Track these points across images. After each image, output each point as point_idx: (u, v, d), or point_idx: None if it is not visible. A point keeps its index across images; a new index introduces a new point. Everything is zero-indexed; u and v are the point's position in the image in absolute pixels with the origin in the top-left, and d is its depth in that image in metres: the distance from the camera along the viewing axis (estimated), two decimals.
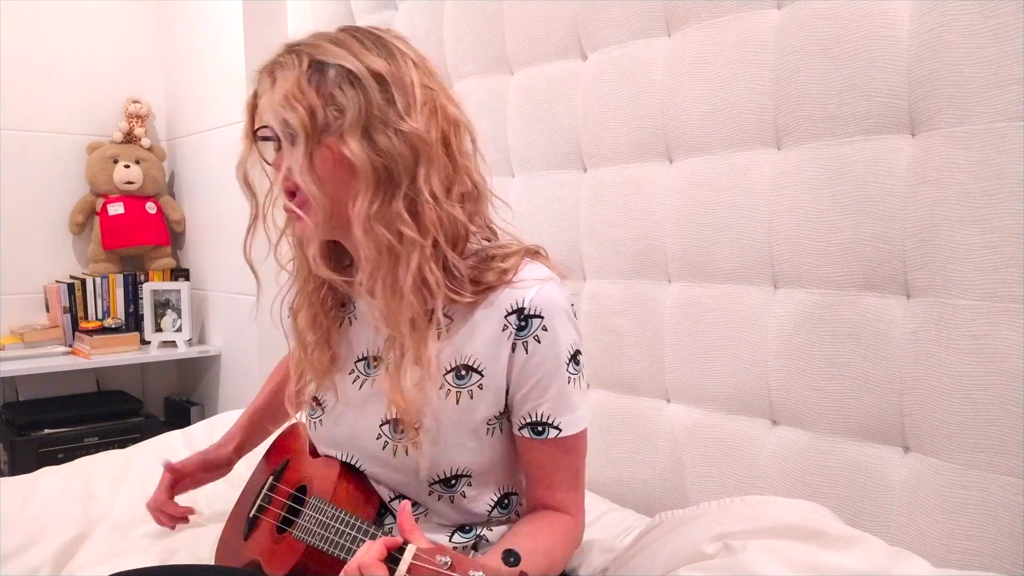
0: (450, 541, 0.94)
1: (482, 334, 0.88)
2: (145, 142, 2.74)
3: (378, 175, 0.83)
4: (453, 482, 0.91)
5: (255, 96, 0.88)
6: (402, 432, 0.89)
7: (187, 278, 2.74)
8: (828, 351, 1.11)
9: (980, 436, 0.95)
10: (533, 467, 0.92)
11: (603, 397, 1.44)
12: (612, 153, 1.42)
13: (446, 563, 0.67)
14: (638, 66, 1.36)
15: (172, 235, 2.80)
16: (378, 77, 0.83)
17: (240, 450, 1.18)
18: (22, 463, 2.24)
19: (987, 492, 0.95)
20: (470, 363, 0.88)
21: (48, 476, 1.53)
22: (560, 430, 0.89)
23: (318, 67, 0.83)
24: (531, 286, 0.87)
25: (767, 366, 1.19)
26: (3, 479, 1.50)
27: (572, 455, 0.92)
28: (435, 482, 0.91)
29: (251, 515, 1.06)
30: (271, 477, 1.08)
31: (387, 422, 0.90)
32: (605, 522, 1.27)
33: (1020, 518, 0.91)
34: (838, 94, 1.09)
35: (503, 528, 0.96)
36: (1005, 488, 0.93)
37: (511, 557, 0.70)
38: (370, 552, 0.72)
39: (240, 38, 2.34)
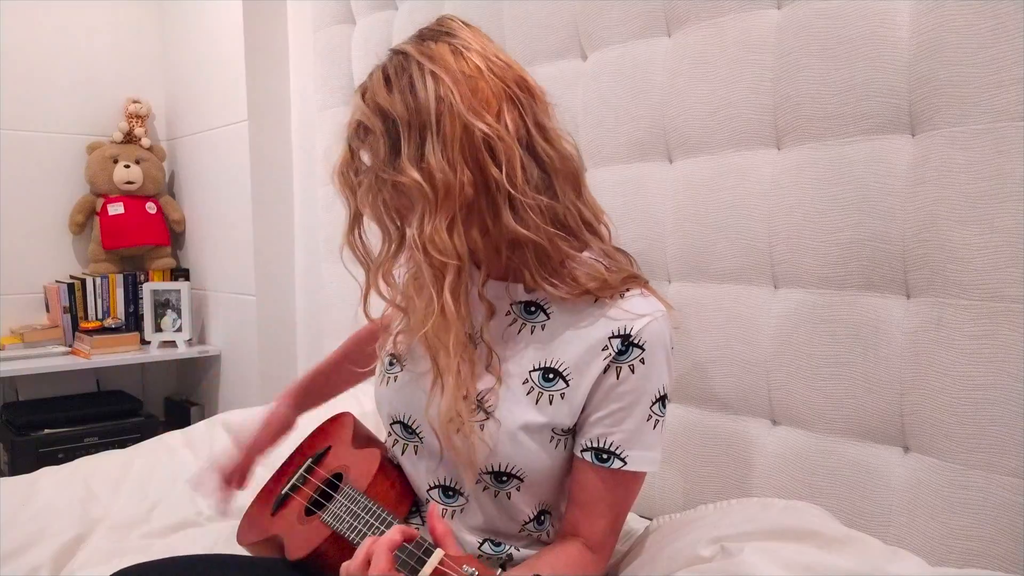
0: (479, 550, 0.92)
1: (578, 345, 0.86)
2: (145, 142, 2.74)
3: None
4: (504, 478, 0.89)
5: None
6: (475, 411, 0.87)
7: (187, 278, 2.75)
8: (828, 351, 1.11)
9: (980, 436, 0.95)
10: (579, 490, 0.89)
11: None
12: (612, 153, 1.41)
13: (472, 574, 0.66)
14: (638, 66, 1.36)
15: (172, 235, 2.80)
16: (389, 120, 0.87)
17: (300, 407, 1.17)
18: (22, 463, 2.25)
19: (987, 492, 0.94)
20: (559, 368, 0.87)
21: (48, 476, 1.53)
22: (625, 463, 0.86)
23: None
24: (645, 316, 0.85)
25: (767, 366, 1.19)
26: (3, 479, 1.50)
27: (622, 491, 0.89)
28: (487, 472, 0.89)
29: (283, 492, 1.08)
30: (310, 460, 1.10)
31: (466, 396, 0.87)
32: None
33: (1020, 518, 0.91)
34: (838, 94, 1.09)
35: (529, 551, 0.95)
36: (1005, 488, 0.93)
37: None
38: (380, 543, 0.71)
39: (240, 38, 2.34)
